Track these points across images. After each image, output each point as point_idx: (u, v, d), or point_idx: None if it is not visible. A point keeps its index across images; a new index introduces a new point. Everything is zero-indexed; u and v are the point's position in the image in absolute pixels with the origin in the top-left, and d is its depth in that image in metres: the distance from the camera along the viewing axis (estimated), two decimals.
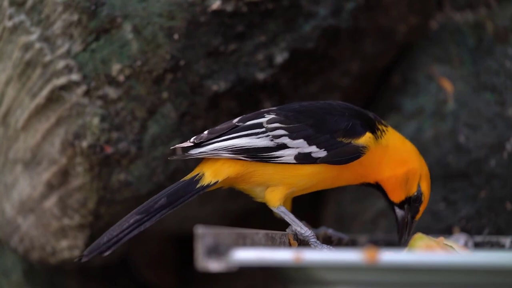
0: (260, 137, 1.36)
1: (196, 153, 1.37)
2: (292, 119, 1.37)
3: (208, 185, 1.35)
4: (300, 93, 1.66)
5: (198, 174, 1.36)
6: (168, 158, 1.49)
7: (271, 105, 1.62)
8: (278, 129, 1.36)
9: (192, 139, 1.39)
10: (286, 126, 1.36)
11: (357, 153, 1.35)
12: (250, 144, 1.35)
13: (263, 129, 1.36)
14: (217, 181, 1.36)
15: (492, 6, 1.74)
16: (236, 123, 1.39)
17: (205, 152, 1.36)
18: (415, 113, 1.75)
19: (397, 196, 1.42)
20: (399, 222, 1.44)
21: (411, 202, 1.42)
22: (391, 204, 1.43)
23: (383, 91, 1.81)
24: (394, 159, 1.40)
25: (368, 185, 1.43)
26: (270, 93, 1.64)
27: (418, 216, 1.44)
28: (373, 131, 1.38)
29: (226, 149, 1.35)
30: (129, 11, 1.56)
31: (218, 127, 1.40)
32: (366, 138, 1.36)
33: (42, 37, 1.58)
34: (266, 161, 1.35)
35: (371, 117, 1.40)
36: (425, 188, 1.43)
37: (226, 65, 1.60)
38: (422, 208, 1.44)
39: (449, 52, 1.75)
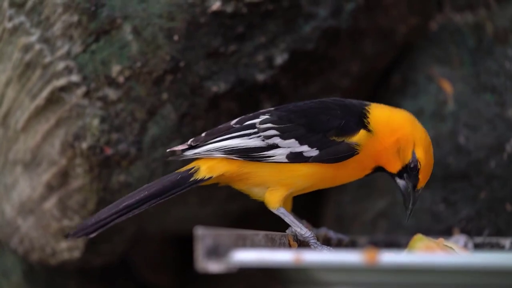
0: (252, 138, 1.36)
1: (190, 154, 1.39)
2: (285, 119, 1.37)
3: (202, 180, 1.36)
4: (300, 94, 1.66)
5: (193, 168, 1.37)
6: (165, 160, 1.49)
7: (271, 106, 1.62)
8: (270, 129, 1.36)
9: (189, 141, 1.40)
10: (277, 126, 1.36)
11: (350, 151, 1.35)
12: (242, 145, 1.36)
13: (255, 130, 1.37)
14: (211, 177, 1.37)
15: (492, 7, 1.74)
16: (233, 125, 1.40)
17: (199, 153, 1.38)
18: (415, 114, 1.74)
19: (393, 166, 1.40)
20: (402, 192, 1.42)
21: (408, 171, 1.40)
22: (391, 175, 1.42)
23: (383, 92, 1.81)
24: (384, 131, 1.38)
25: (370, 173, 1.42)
26: (270, 94, 1.64)
27: (420, 185, 1.41)
28: (365, 125, 1.37)
29: (219, 149, 1.36)
30: (129, 12, 1.56)
31: (216, 129, 1.41)
32: (359, 136, 1.36)
33: (42, 38, 1.58)
34: (258, 161, 1.35)
35: (362, 111, 1.39)
36: (421, 154, 1.39)
37: (226, 66, 1.60)
38: (422, 176, 1.40)
39: (449, 53, 1.75)
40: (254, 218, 1.77)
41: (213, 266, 1.09)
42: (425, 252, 1.30)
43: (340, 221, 1.81)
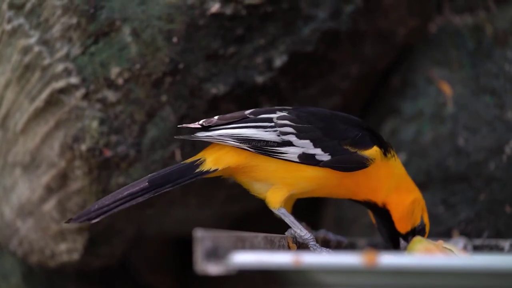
0: (268, 131, 1.36)
1: (202, 136, 1.37)
2: (304, 119, 1.37)
3: (207, 171, 1.35)
4: (300, 96, 1.66)
5: (199, 159, 1.37)
6: (174, 137, 1.47)
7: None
8: (287, 126, 1.36)
9: (201, 121, 1.38)
10: (295, 125, 1.36)
11: (362, 163, 1.36)
12: (257, 136, 1.35)
13: (272, 124, 1.36)
14: (217, 169, 1.36)
15: (492, 9, 1.74)
16: (248, 115, 1.39)
17: (211, 136, 1.37)
18: (415, 116, 1.75)
19: (404, 226, 1.43)
20: (395, 246, 1.45)
21: (415, 234, 1.42)
22: (396, 235, 1.43)
23: (382, 94, 1.81)
24: (401, 185, 1.41)
25: (374, 207, 1.42)
26: (269, 96, 1.64)
27: None
28: (382, 147, 1.38)
29: (232, 136, 1.35)
30: (128, 14, 1.56)
31: (229, 115, 1.40)
32: (373, 151, 1.36)
33: (41, 40, 1.58)
34: (270, 155, 1.35)
35: (383, 139, 1.41)
36: (426, 220, 1.44)
37: (225, 68, 1.60)
38: None
39: (448, 55, 1.75)
40: (254, 220, 1.77)
41: (213, 268, 1.09)
42: (424, 254, 1.29)
43: (340, 224, 1.81)
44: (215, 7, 1.57)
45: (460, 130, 1.70)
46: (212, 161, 1.36)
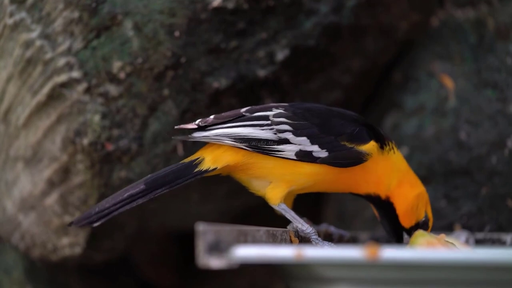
0: (264, 129, 1.36)
1: (199, 136, 1.37)
2: (300, 116, 1.37)
3: (206, 171, 1.35)
4: (301, 90, 1.66)
5: (198, 158, 1.37)
6: (172, 138, 1.47)
7: (272, 102, 1.62)
8: (284, 123, 1.36)
9: (197, 121, 1.38)
10: (291, 122, 1.36)
11: (359, 158, 1.36)
12: (253, 134, 1.35)
13: (269, 122, 1.36)
14: (215, 168, 1.36)
15: (493, 3, 1.73)
16: (244, 113, 1.39)
17: (208, 136, 1.37)
18: (416, 110, 1.75)
19: (408, 220, 1.42)
20: (397, 239, 1.45)
21: (419, 228, 1.42)
22: (400, 229, 1.43)
23: (384, 88, 1.81)
24: (404, 179, 1.41)
25: (377, 200, 1.42)
26: (271, 90, 1.64)
27: None
28: (379, 141, 1.38)
29: (229, 136, 1.35)
30: (130, 8, 1.56)
31: (224, 114, 1.40)
32: (370, 146, 1.36)
33: (43, 35, 1.58)
34: (267, 154, 1.35)
35: (381, 132, 1.41)
36: (430, 214, 1.44)
37: (227, 62, 1.60)
38: None
39: (450, 49, 1.75)
40: (255, 214, 1.77)
41: (215, 262, 1.09)
42: (426, 248, 1.30)
43: (342, 218, 1.81)
44: (217, 1, 1.56)
45: (462, 124, 1.70)
46: (210, 160, 1.36)
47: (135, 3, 1.56)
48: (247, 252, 1.10)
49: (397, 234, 1.44)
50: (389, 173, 1.40)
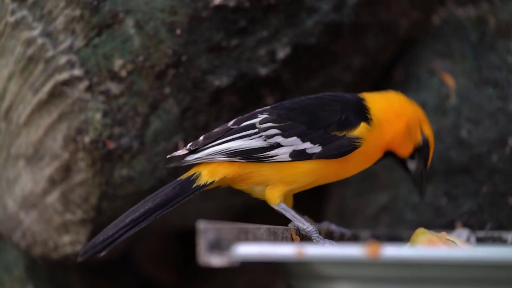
0: (253, 138, 1.36)
1: (192, 159, 1.38)
2: (284, 117, 1.37)
3: (204, 185, 1.36)
4: (302, 88, 1.66)
5: (194, 174, 1.37)
6: (166, 167, 1.48)
7: (273, 100, 1.63)
8: (271, 128, 1.36)
9: (188, 146, 1.39)
10: (278, 125, 1.36)
11: (352, 145, 1.36)
12: (244, 146, 1.36)
13: (256, 130, 1.37)
14: (213, 181, 1.36)
15: (494, 1, 1.73)
16: (231, 126, 1.39)
17: (201, 157, 1.37)
18: None
19: (405, 150, 1.42)
20: (414, 174, 1.44)
21: (420, 150, 1.42)
22: (403, 161, 1.43)
23: (385, 86, 1.81)
24: (391, 120, 1.40)
25: (380, 160, 1.43)
26: (272, 88, 1.64)
27: (429, 162, 1.44)
28: (366, 118, 1.38)
29: (221, 153, 1.36)
30: (131, 6, 1.56)
31: (213, 132, 1.40)
32: (360, 129, 1.36)
33: (44, 33, 1.58)
34: (262, 161, 1.35)
35: (360, 102, 1.40)
36: (427, 131, 1.43)
37: (228, 60, 1.60)
38: (431, 151, 1.44)
39: (451, 47, 1.75)
40: (257, 212, 1.77)
41: (216, 260, 1.09)
42: (427, 246, 1.30)
43: (342, 216, 1.81)
44: None
45: (462, 122, 1.70)
46: (207, 174, 1.37)
47: (137, 1, 1.56)
48: (248, 250, 1.10)
49: (417, 185, 1.45)
50: (384, 136, 1.39)
